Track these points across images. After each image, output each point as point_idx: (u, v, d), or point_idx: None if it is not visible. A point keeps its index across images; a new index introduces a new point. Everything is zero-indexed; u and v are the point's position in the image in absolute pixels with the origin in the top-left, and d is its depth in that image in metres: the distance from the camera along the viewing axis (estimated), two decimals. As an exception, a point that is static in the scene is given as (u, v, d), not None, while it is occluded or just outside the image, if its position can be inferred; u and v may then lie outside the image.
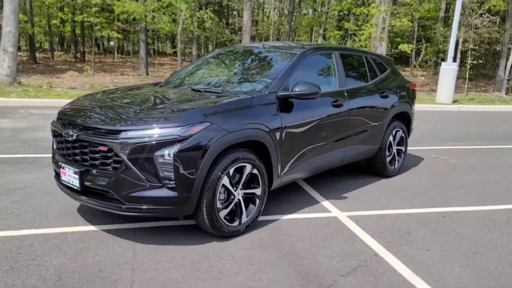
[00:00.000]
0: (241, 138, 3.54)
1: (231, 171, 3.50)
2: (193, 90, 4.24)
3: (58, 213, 3.98)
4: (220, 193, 3.47)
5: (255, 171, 3.69)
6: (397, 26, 19.88)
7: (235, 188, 3.58)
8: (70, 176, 3.45)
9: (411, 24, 20.93)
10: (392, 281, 3.05)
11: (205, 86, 4.41)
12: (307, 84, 3.92)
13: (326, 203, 4.52)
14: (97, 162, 3.34)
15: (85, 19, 19.81)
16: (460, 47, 25.67)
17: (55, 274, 2.94)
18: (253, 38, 27.15)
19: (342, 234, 3.81)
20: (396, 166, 5.63)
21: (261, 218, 3.98)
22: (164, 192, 3.22)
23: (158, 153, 3.16)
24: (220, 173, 3.40)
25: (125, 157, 3.17)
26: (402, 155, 5.75)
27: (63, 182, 3.58)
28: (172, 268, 3.10)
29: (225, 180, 3.47)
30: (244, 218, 3.68)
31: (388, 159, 5.45)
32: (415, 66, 28.91)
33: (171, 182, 3.20)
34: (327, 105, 4.42)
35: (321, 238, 3.71)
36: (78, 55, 28.35)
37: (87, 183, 3.38)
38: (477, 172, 6.05)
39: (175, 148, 3.15)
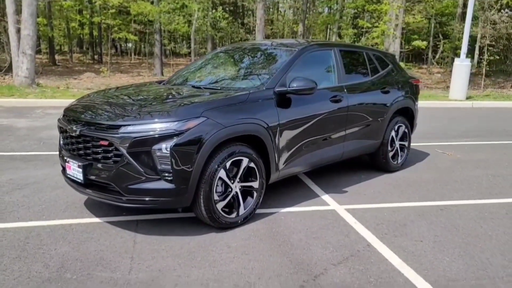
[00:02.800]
0: (237, 132, 3.66)
1: (228, 164, 3.62)
2: (193, 87, 4.38)
3: (66, 206, 4.16)
4: (217, 185, 3.60)
5: (252, 164, 3.80)
6: (412, 23, 19.76)
7: (232, 181, 3.70)
8: (75, 170, 3.62)
9: (425, 21, 20.76)
10: (382, 270, 3.13)
11: (206, 83, 4.55)
12: (303, 79, 4.02)
13: (325, 197, 4.61)
14: (99, 156, 3.50)
15: (103, 21, 20.19)
16: (478, 43, 25.35)
17: (59, 262, 3.11)
18: (267, 37, 27.26)
19: (338, 226, 3.90)
20: (399, 161, 5.67)
21: (260, 211, 4.10)
22: (162, 184, 3.36)
23: (155, 146, 3.30)
24: (216, 166, 3.52)
25: (124, 151, 3.32)
26: (406, 150, 5.78)
27: (68, 175, 3.76)
28: (170, 257, 3.23)
29: (222, 173, 3.59)
30: (241, 210, 3.80)
31: (391, 154, 5.50)
32: (432, 63, 28.63)
33: (169, 175, 3.34)
34: (326, 101, 4.50)
35: (316, 229, 3.80)
36: (96, 57, 28.90)
37: (90, 176, 3.55)
38: (482, 167, 6.04)
39: (172, 142, 3.29)
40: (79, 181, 3.60)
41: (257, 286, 2.88)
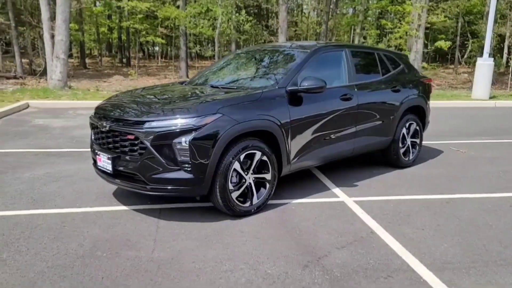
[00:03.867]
0: (250, 127, 3.99)
1: (242, 157, 3.95)
2: (212, 86, 4.74)
3: (96, 196, 4.58)
4: (232, 176, 3.93)
5: (264, 158, 4.12)
6: (436, 23, 19.67)
7: (246, 173, 4.04)
8: (105, 161, 4.02)
9: (451, 20, 20.61)
10: (382, 253, 3.40)
11: (223, 83, 4.90)
12: (313, 79, 4.32)
13: (336, 190, 4.89)
14: (126, 149, 3.89)
15: (131, 25, 20.91)
16: (506, 42, 24.92)
17: (91, 242, 3.50)
18: (290, 39, 27.52)
19: (345, 215, 4.17)
20: (411, 157, 5.88)
21: (272, 201, 4.41)
22: (182, 174, 3.72)
23: (176, 140, 3.66)
24: (231, 159, 3.86)
25: (148, 144, 3.70)
26: (417, 147, 5.99)
27: (99, 167, 4.17)
28: (188, 240, 3.59)
29: (236, 165, 3.92)
30: (255, 200, 4.12)
31: (402, 150, 5.72)
32: (460, 63, 28.24)
33: (188, 166, 3.69)
34: (336, 99, 4.78)
35: (324, 218, 4.09)
36: (124, 60, 29.81)
37: (118, 168, 3.94)
38: (494, 164, 6.18)
39: (191, 136, 3.65)
40: (109, 171, 4.01)
41: (266, 264, 3.20)
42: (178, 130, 3.66)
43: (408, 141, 5.83)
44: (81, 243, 3.48)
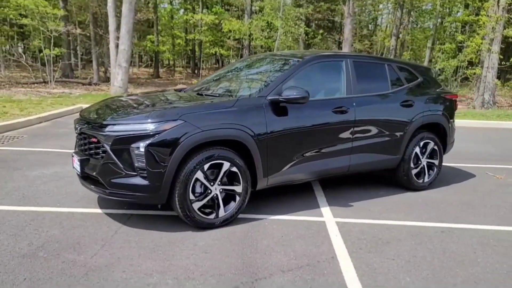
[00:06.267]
0: (217, 136, 3.83)
1: (206, 167, 3.80)
2: (198, 94, 4.65)
3: (81, 197, 4.66)
4: (195, 186, 3.79)
5: (234, 169, 3.93)
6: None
7: (212, 183, 3.87)
8: (76, 163, 4.08)
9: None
10: (328, 282, 3.06)
11: (212, 91, 4.79)
12: (296, 89, 4.07)
13: (325, 209, 4.54)
14: (92, 152, 3.92)
15: (196, 37, 21.66)
16: None
17: (42, 242, 3.54)
18: (359, 51, 26.81)
19: (317, 236, 3.84)
20: (426, 180, 5.33)
21: (248, 215, 4.21)
22: (138, 180, 3.65)
23: (134, 145, 3.61)
24: (193, 167, 3.72)
25: (108, 148, 3.69)
26: (435, 169, 5.40)
27: (73, 168, 4.24)
28: (136, 248, 3.50)
29: (199, 175, 3.78)
30: (221, 213, 3.94)
31: (414, 171, 5.20)
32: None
33: (144, 172, 3.62)
34: (327, 111, 4.46)
35: (292, 237, 3.80)
36: (196, 71, 30.91)
37: (86, 170, 3.97)
38: (530, 193, 5.41)
39: (147, 141, 3.57)
40: (78, 173, 4.05)
41: (195, 281, 3.02)
42: (135, 135, 3.61)
43: (423, 161, 5.28)
44: (32, 242, 3.53)
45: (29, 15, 18.33)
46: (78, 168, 4.01)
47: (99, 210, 4.31)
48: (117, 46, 15.44)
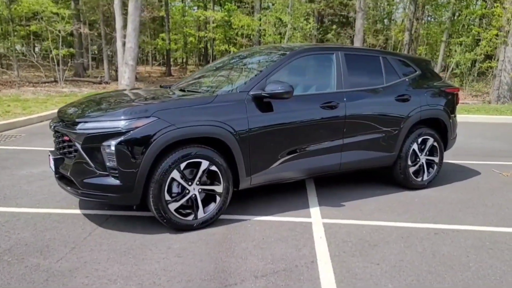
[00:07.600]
0: (193, 134, 3.64)
1: (183, 166, 3.61)
2: (180, 90, 4.46)
3: (63, 198, 4.51)
4: (171, 186, 3.61)
5: (214, 168, 3.73)
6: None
7: (189, 183, 3.68)
8: (51, 163, 3.93)
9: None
10: (303, 289, 2.84)
11: (196, 87, 4.59)
12: (279, 83, 3.86)
13: (314, 209, 4.32)
14: (65, 151, 3.77)
15: (205, 35, 21.53)
16: None
17: (10, 245, 3.41)
18: (373, 47, 26.34)
19: (300, 239, 3.63)
20: (425, 178, 5.04)
21: (231, 216, 4.02)
22: (110, 181, 3.49)
23: (105, 143, 3.44)
24: (168, 167, 3.54)
25: (79, 146, 3.53)
26: (435, 167, 5.11)
27: (50, 168, 4.10)
28: (107, 251, 3.34)
29: (175, 174, 3.59)
30: (200, 214, 3.75)
31: (412, 169, 4.93)
32: None
33: (115, 172, 3.45)
34: (315, 107, 4.23)
35: (273, 240, 3.59)
36: (207, 68, 30.82)
37: (60, 170, 3.83)
38: (537, 191, 5.09)
39: (118, 139, 3.40)
40: (53, 173, 3.91)
41: (160, 286, 2.84)
42: (106, 133, 3.45)
43: (422, 159, 5.00)
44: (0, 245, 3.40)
45: (39, 14, 18.40)
46: (53, 168, 3.87)
47: (78, 211, 4.16)
48: (123, 44, 15.37)
